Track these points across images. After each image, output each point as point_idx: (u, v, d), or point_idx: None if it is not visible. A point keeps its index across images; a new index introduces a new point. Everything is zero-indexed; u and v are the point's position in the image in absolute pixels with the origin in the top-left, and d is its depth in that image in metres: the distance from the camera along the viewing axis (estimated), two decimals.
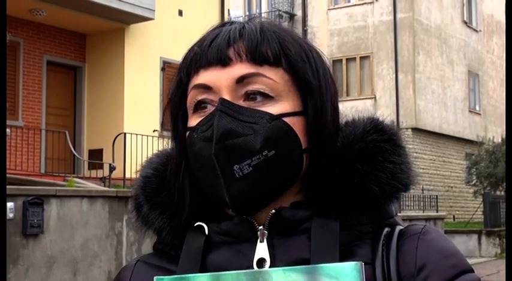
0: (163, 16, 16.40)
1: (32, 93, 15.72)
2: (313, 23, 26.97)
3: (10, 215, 9.18)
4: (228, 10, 19.03)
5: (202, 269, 1.05)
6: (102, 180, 13.84)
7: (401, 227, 1.10)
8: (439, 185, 26.16)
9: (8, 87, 15.06)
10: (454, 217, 25.99)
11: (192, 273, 1.02)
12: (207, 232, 1.09)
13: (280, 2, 27.46)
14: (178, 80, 1.12)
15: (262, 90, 1.05)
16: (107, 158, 14.88)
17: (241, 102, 1.05)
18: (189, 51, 1.12)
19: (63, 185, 11.99)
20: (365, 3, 26.07)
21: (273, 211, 1.07)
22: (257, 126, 1.03)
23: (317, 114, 1.08)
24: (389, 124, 1.15)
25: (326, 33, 26.56)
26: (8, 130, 13.21)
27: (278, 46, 1.08)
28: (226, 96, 1.05)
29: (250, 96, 1.05)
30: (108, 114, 16.07)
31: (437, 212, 21.53)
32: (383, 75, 25.42)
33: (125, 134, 14.23)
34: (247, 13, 28.24)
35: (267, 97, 1.05)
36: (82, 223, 10.25)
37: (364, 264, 0.99)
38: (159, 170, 1.16)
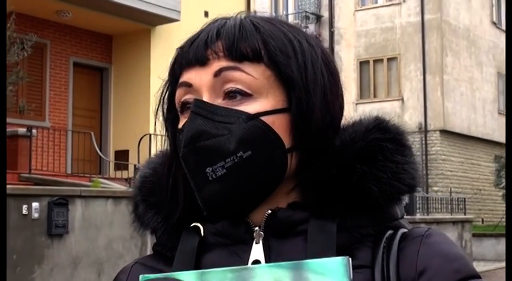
0: (188, 17, 16.41)
1: (58, 94, 15.82)
2: (340, 24, 26.85)
3: (35, 215, 9.23)
4: (255, 11, 18.97)
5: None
6: (128, 181, 13.88)
7: (405, 230, 1.05)
8: (468, 188, 25.90)
9: (35, 88, 15.19)
10: (482, 220, 25.72)
11: None
12: (202, 232, 1.06)
13: (306, 4, 27.39)
14: (166, 82, 1.12)
15: (240, 88, 1.01)
16: (132, 159, 14.93)
17: (220, 101, 1.02)
18: (175, 51, 1.11)
19: (88, 186, 12.02)
20: (392, 4, 25.91)
21: (269, 211, 1.03)
22: (233, 127, 0.99)
23: (301, 111, 1.02)
24: (396, 123, 1.10)
25: (353, 34, 26.43)
26: (34, 131, 13.30)
27: (258, 41, 1.03)
28: (206, 94, 1.02)
29: (229, 94, 1.02)
30: (134, 115, 16.12)
31: (465, 215, 21.29)
32: (410, 76, 25.24)
33: (150, 135, 14.25)
34: (274, 14, 28.19)
35: (246, 95, 1.02)
36: (107, 224, 10.27)
37: (364, 267, 0.97)
38: (157, 170, 1.15)
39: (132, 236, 10.59)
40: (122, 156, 15.84)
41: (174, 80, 1.09)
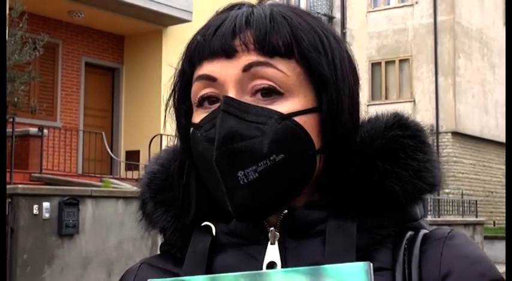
0: (200, 18, 16.21)
1: (70, 94, 15.84)
2: (352, 25, 26.79)
3: (46, 215, 9.23)
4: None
5: (208, 273, 0.98)
6: (139, 181, 13.87)
7: (426, 231, 1.01)
8: (479, 190, 25.78)
9: (46, 88, 15.23)
10: (494, 222, 25.57)
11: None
12: (214, 232, 1.01)
13: (319, 5, 27.35)
14: (180, 70, 1.03)
15: (271, 86, 0.95)
16: (143, 160, 14.92)
17: (247, 98, 0.96)
18: (193, 39, 1.02)
19: (99, 186, 12.04)
20: (405, 5, 25.81)
21: (285, 211, 0.98)
22: (265, 127, 0.93)
23: (332, 111, 0.97)
24: (415, 120, 1.05)
25: (365, 35, 26.36)
26: (45, 131, 13.32)
27: (290, 35, 0.97)
28: (232, 90, 0.95)
29: (259, 92, 0.96)
30: (145, 115, 16.13)
31: (476, 217, 21.17)
32: (422, 78, 25.14)
33: (161, 135, 14.25)
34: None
35: (276, 94, 0.95)
36: (117, 224, 10.26)
37: (384, 270, 0.92)
38: (165, 166, 1.09)
39: (143, 236, 10.59)
40: (132, 156, 15.85)
41: (190, 71, 1.01)
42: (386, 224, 0.99)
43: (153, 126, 15.60)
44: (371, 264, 0.85)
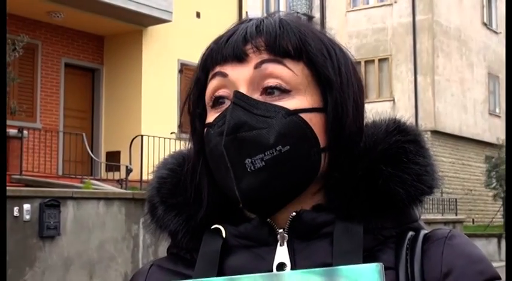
0: (180, 18, 16.39)
1: (50, 95, 15.75)
2: (331, 25, 26.86)
3: (27, 217, 9.21)
4: (246, 12, 19.00)
5: (220, 274, 1.02)
6: (119, 182, 13.86)
7: (426, 232, 1.07)
8: (458, 188, 25.97)
9: (26, 89, 15.12)
10: (473, 220, 25.79)
11: (208, 277, 1.00)
12: (224, 234, 1.06)
13: (298, 4, 27.41)
14: (195, 77, 1.10)
15: (280, 85, 1.02)
16: (124, 161, 14.89)
17: (257, 96, 1.02)
18: (206, 49, 1.09)
19: (80, 187, 12.00)
20: (384, 5, 25.95)
21: (294, 213, 1.03)
22: (272, 121, 1.00)
23: (337, 112, 1.04)
24: (412, 125, 1.12)
25: (344, 35, 26.45)
26: (25, 132, 13.26)
27: (298, 40, 1.04)
28: (243, 88, 1.02)
29: (267, 91, 1.02)
30: (126, 116, 16.08)
31: (456, 215, 21.34)
32: (402, 77, 25.28)
33: (142, 136, 14.25)
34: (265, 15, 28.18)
35: (284, 92, 1.02)
36: (98, 225, 10.25)
37: (388, 269, 0.96)
38: (174, 171, 1.13)
39: (124, 237, 10.58)
40: (113, 157, 15.79)
41: (205, 76, 1.08)
42: (389, 225, 1.04)
43: (133, 127, 15.58)
44: (382, 265, 0.91)
